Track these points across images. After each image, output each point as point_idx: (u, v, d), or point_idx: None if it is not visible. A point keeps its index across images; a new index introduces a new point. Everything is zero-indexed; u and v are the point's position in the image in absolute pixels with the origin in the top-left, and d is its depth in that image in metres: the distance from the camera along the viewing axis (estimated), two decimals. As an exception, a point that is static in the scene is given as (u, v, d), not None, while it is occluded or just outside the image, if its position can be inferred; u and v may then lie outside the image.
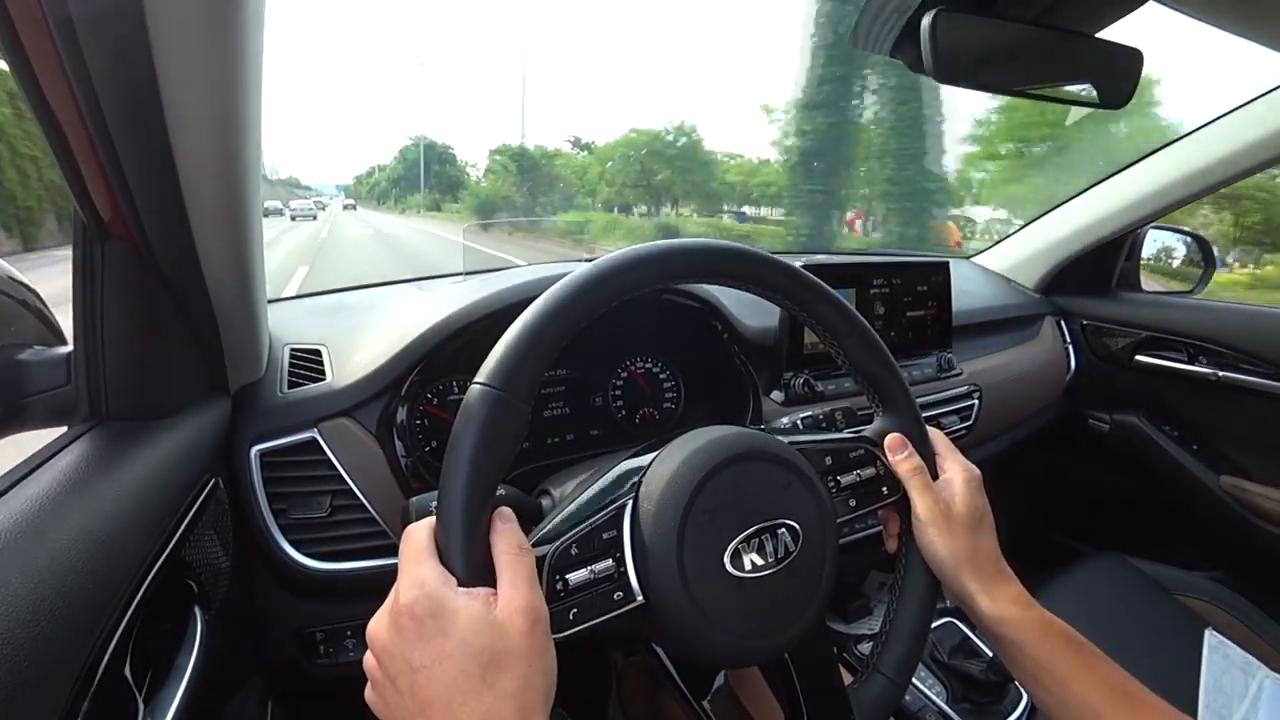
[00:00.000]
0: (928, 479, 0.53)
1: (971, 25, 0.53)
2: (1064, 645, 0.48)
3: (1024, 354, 1.34)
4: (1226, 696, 0.86)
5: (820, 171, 15.92)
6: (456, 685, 0.34)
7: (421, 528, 0.39)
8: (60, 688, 0.38)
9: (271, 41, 0.46)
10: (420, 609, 0.35)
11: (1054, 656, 0.48)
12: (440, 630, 0.35)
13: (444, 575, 0.36)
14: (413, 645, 0.35)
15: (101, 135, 0.43)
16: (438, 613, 0.35)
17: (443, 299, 0.81)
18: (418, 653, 0.34)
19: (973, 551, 0.51)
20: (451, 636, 0.34)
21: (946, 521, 0.51)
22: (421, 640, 0.35)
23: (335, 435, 0.72)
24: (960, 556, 0.51)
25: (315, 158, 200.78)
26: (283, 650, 0.76)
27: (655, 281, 0.46)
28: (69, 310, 0.55)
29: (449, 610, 0.35)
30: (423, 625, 0.35)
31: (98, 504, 0.46)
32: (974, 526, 0.52)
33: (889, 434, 0.54)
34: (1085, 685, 0.46)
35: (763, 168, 26.54)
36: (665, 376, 0.97)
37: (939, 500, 0.52)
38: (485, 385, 0.38)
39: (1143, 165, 1.24)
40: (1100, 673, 0.47)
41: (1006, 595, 0.50)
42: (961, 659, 0.94)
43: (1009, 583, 0.51)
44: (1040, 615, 0.49)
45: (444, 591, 0.35)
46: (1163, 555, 1.19)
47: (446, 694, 0.34)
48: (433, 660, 0.34)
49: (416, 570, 0.36)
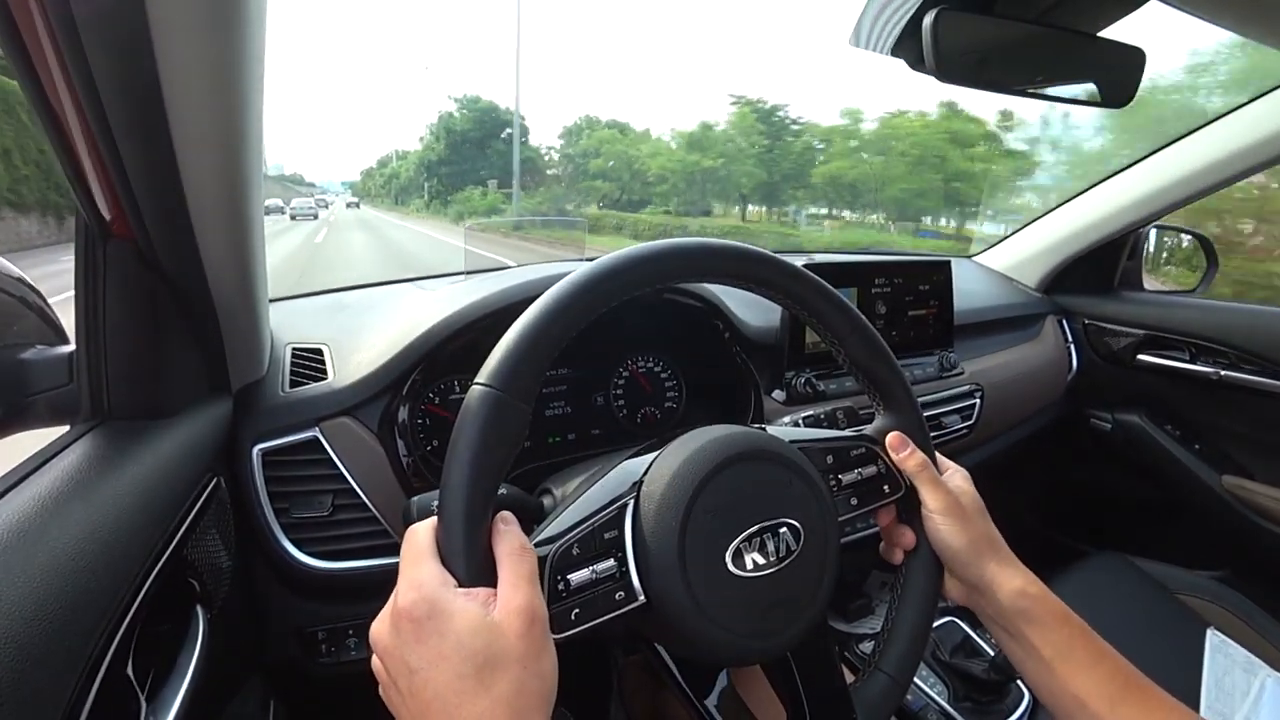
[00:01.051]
0: (935, 472, 0.53)
1: (973, 24, 0.53)
2: (1080, 631, 0.48)
3: (1025, 353, 1.34)
4: (1228, 696, 0.86)
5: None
6: (452, 688, 0.34)
7: (423, 528, 0.39)
8: (63, 687, 0.38)
9: (275, 36, 0.46)
10: (418, 611, 0.35)
11: (1072, 642, 0.48)
12: (436, 632, 0.35)
13: (443, 576, 0.36)
14: (410, 647, 0.35)
15: (104, 135, 0.43)
16: (434, 614, 0.35)
17: (444, 298, 0.81)
18: (415, 655, 0.35)
19: (988, 538, 0.52)
20: (447, 638, 0.34)
21: (960, 510, 0.52)
22: (419, 643, 0.35)
23: (337, 434, 0.72)
24: (980, 543, 0.51)
25: (319, 154, 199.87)
26: (284, 649, 0.76)
27: (656, 281, 0.46)
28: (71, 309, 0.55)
29: (446, 612, 0.35)
30: (420, 627, 0.35)
31: (100, 504, 0.46)
32: (982, 515, 0.53)
33: (889, 433, 0.54)
34: (1100, 673, 0.46)
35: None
36: (666, 376, 0.97)
37: (949, 493, 0.52)
38: (486, 386, 0.38)
39: (1145, 164, 1.24)
40: (1114, 664, 0.47)
41: (1026, 576, 0.50)
42: (963, 658, 0.94)
43: (1023, 568, 0.51)
44: (1058, 601, 0.50)
45: (442, 593, 0.35)
46: (1164, 555, 1.18)
47: (443, 696, 0.34)
48: (429, 662, 0.34)
49: (415, 572, 0.37)
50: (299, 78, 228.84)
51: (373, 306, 0.97)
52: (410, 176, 47.10)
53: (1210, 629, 0.95)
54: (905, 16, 0.53)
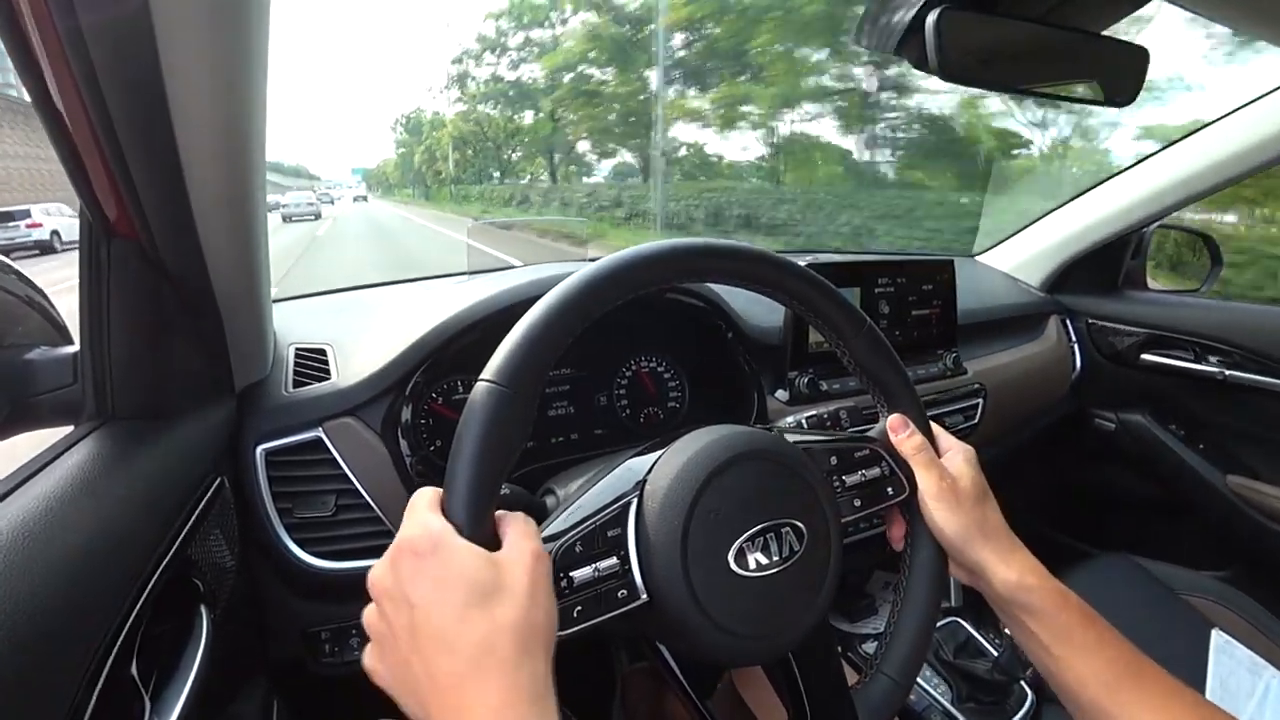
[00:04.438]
0: (932, 455, 0.53)
1: (977, 23, 0.53)
2: (1080, 616, 0.48)
3: (1029, 353, 1.34)
4: (1233, 697, 0.86)
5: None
6: (454, 615, 0.33)
7: (426, 491, 0.39)
8: (68, 687, 0.38)
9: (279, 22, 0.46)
10: (422, 545, 0.35)
11: (1070, 626, 0.47)
12: (440, 563, 0.34)
13: (447, 525, 0.36)
14: (411, 581, 0.35)
15: (107, 133, 0.43)
16: (438, 548, 0.35)
17: (447, 298, 0.81)
18: (416, 588, 0.34)
19: (983, 522, 0.51)
20: (450, 567, 0.34)
21: (954, 495, 0.51)
22: (420, 575, 0.35)
23: (340, 434, 0.72)
24: (972, 528, 0.51)
25: (326, 145, 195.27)
26: (288, 649, 0.77)
27: (660, 281, 0.46)
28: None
29: (450, 546, 0.35)
30: (422, 559, 0.35)
31: (103, 503, 0.46)
32: (981, 499, 0.52)
33: (891, 415, 0.54)
34: (1100, 657, 0.46)
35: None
36: (670, 376, 0.97)
37: (944, 475, 0.52)
38: (491, 383, 0.38)
39: (1148, 163, 1.24)
40: (1116, 647, 0.47)
41: (1023, 564, 0.50)
42: (967, 658, 0.93)
43: (1023, 552, 0.51)
44: (1057, 585, 0.49)
45: (446, 532, 0.36)
46: (1169, 555, 1.18)
47: (443, 628, 0.33)
48: (430, 592, 0.34)
49: (419, 516, 0.37)
50: (301, 58, 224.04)
51: (376, 306, 0.97)
52: (452, 163, 30.81)
53: (1215, 630, 0.95)
54: (908, 15, 0.53)
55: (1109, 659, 0.46)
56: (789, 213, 11.23)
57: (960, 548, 0.51)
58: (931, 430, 0.56)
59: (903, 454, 0.53)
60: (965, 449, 0.55)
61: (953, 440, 0.56)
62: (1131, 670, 0.46)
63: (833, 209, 10.67)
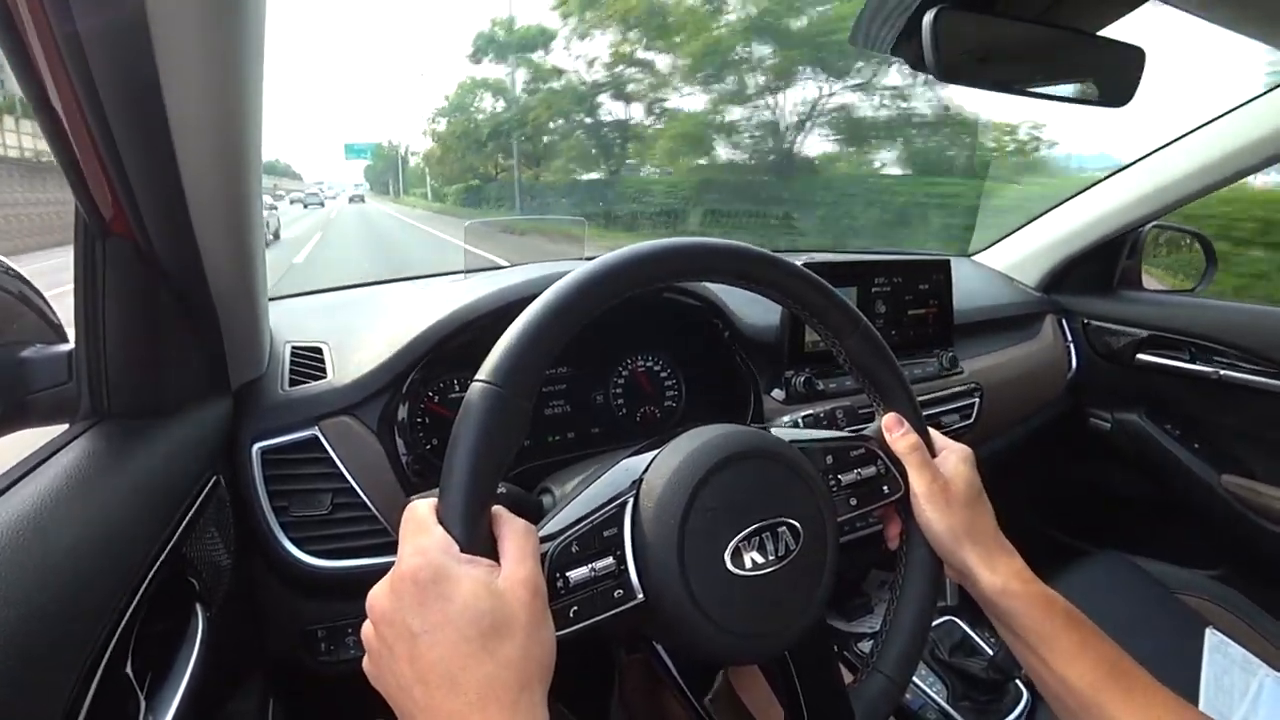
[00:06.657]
0: (926, 455, 0.53)
1: (973, 23, 0.53)
2: (1065, 621, 0.48)
3: (1025, 352, 1.34)
4: (1227, 695, 0.86)
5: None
6: (457, 650, 0.33)
7: (422, 503, 0.39)
8: (63, 686, 0.38)
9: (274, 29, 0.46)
10: (422, 575, 0.35)
11: (1055, 631, 0.48)
12: (441, 595, 0.34)
13: (446, 543, 0.36)
14: (413, 611, 0.35)
15: (103, 132, 0.43)
16: (439, 578, 0.35)
17: (444, 297, 0.81)
18: (419, 618, 0.34)
19: (971, 525, 0.51)
20: (454, 601, 0.34)
21: (945, 496, 0.51)
22: (422, 606, 0.34)
23: (336, 433, 0.72)
24: (959, 530, 0.51)
25: (316, 142, 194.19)
26: (284, 647, 0.76)
27: (657, 280, 0.46)
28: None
29: (451, 577, 0.35)
30: (424, 591, 0.35)
31: (99, 502, 0.46)
32: (972, 501, 0.52)
33: (886, 414, 0.54)
34: (1085, 661, 0.46)
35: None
36: (666, 375, 0.97)
37: (937, 476, 0.52)
38: (486, 382, 0.38)
39: (1144, 163, 1.24)
40: (1100, 650, 0.47)
41: (1009, 569, 0.50)
42: (962, 657, 0.94)
43: (1010, 557, 0.51)
44: (1042, 590, 0.49)
45: (446, 559, 0.35)
46: (1164, 554, 1.19)
47: (446, 660, 0.33)
48: (433, 626, 0.34)
49: (418, 539, 0.37)
50: (300, 59, 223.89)
51: (372, 305, 0.97)
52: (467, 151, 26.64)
53: (1209, 628, 0.95)
54: (905, 15, 0.53)
55: (1093, 662, 0.46)
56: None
57: (948, 548, 0.51)
58: (927, 430, 0.56)
59: (897, 453, 0.53)
60: (963, 450, 0.55)
61: (951, 441, 0.56)
62: (1116, 674, 0.46)
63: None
